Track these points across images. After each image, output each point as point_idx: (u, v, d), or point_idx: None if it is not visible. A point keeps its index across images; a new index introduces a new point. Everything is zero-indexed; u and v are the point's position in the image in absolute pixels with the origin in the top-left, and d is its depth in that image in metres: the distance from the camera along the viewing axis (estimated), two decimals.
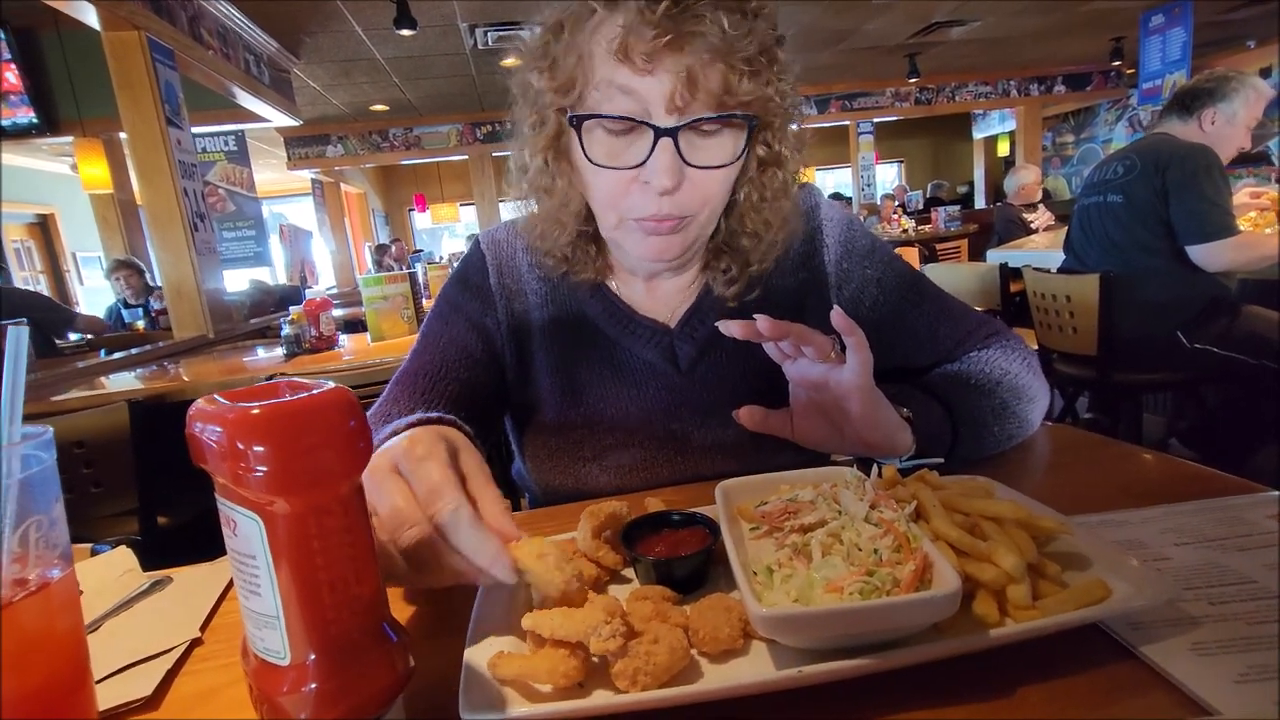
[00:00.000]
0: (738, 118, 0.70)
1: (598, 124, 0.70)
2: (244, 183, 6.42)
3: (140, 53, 3.39)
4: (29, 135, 5.15)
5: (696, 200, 0.72)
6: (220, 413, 0.36)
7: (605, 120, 0.69)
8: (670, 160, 0.68)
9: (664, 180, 0.68)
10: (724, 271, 0.84)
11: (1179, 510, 0.61)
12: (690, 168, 0.70)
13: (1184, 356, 2.32)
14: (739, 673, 0.44)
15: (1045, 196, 5.83)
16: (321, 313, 2.75)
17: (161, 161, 3.47)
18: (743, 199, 0.79)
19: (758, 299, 0.85)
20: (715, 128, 0.70)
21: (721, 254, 0.84)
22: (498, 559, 0.45)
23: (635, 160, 0.70)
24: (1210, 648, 0.43)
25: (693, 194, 0.71)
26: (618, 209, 0.74)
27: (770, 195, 0.79)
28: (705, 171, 0.71)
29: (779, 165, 0.78)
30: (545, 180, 0.78)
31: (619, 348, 0.86)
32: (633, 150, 0.70)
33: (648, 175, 0.69)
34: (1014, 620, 0.44)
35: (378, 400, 0.84)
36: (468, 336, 0.87)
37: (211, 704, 0.50)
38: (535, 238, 0.84)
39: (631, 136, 0.70)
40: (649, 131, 0.68)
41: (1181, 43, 5.67)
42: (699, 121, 0.68)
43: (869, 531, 0.49)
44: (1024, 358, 0.85)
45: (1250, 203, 2.66)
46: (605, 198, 0.74)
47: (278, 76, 5.45)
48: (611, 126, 0.70)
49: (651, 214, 0.71)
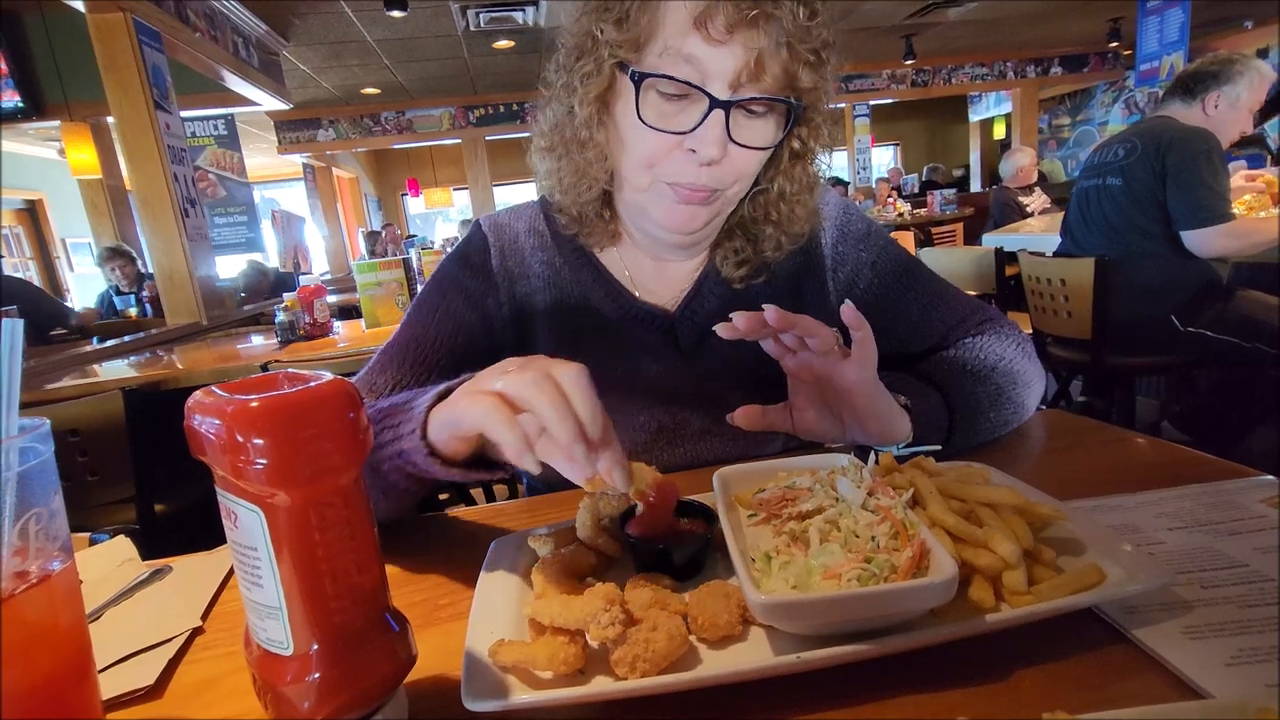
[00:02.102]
0: (789, 104, 0.72)
1: (653, 85, 0.71)
2: (235, 167, 6.35)
3: (126, 35, 3.33)
4: (15, 119, 5.06)
5: (730, 176, 0.75)
6: (219, 405, 0.36)
7: (663, 83, 0.70)
8: (720, 133, 0.70)
9: (711, 150, 0.70)
10: (735, 252, 0.85)
11: (1173, 495, 0.62)
12: (733, 145, 0.72)
13: (1177, 340, 2.33)
14: (738, 659, 0.45)
15: (1041, 179, 5.81)
16: (315, 299, 2.73)
17: (150, 146, 3.42)
18: (774, 190, 0.81)
19: (760, 285, 0.86)
20: (764, 109, 0.72)
21: (734, 235, 0.85)
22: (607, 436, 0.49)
23: (685, 126, 0.71)
24: (1202, 631, 0.43)
25: (729, 169, 0.74)
26: (653, 170, 0.75)
27: (796, 189, 0.81)
28: (745, 151, 0.73)
29: (808, 160, 0.81)
30: (586, 132, 0.78)
31: (620, 331, 0.86)
32: (683, 117, 0.71)
33: (694, 143, 0.71)
34: (1010, 605, 0.45)
35: (362, 369, 0.84)
36: (466, 314, 0.86)
37: (214, 692, 0.50)
38: (559, 190, 0.84)
39: (684, 103, 0.71)
40: (704, 101, 0.69)
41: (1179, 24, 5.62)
42: (753, 100, 0.70)
43: (866, 518, 0.49)
44: (1018, 343, 0.85)
45: (1245, 185, 2.66)
46: (643, 158, 0.75)
47: (267, 59, 5.37)
48: (668, 90, 0.71)
49: (689, 181, 0.73)
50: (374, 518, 0.42)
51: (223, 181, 6.33)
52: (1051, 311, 2.56)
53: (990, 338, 0.85)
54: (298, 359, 2.36)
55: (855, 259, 0.89)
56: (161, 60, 3.60)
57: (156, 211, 3.48)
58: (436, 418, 0.57)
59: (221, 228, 6.38)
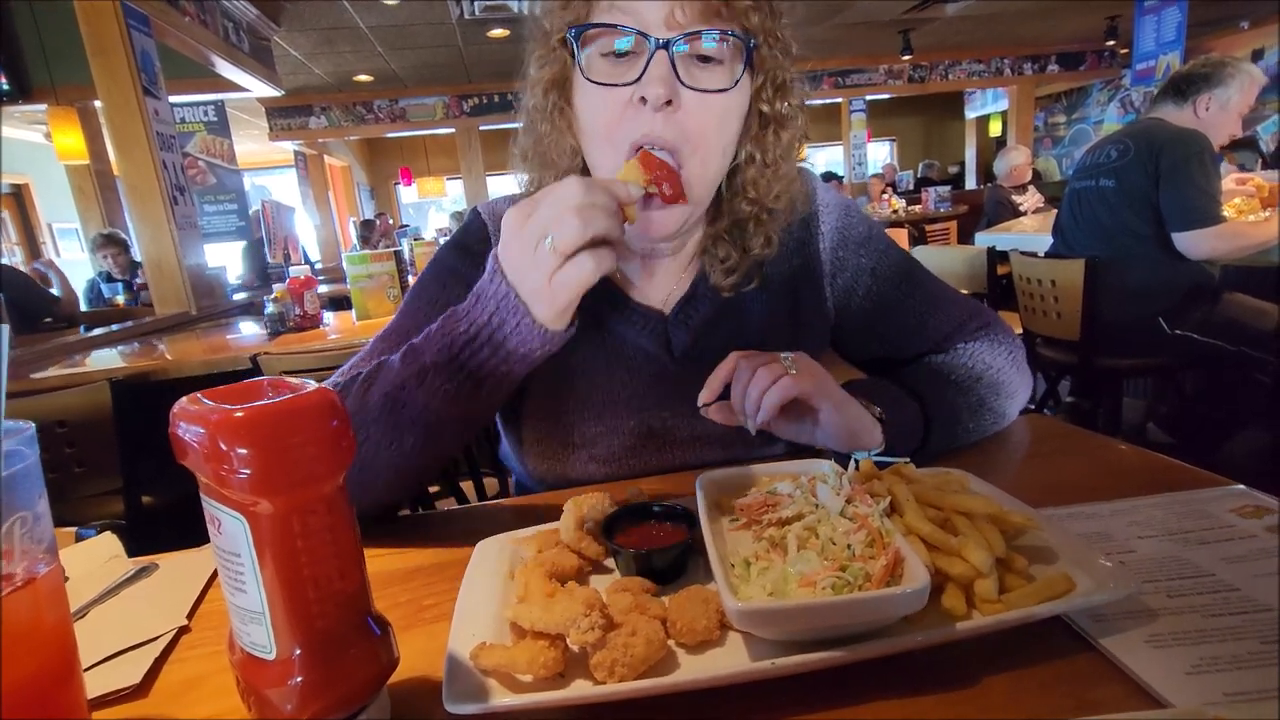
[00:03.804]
0: (734, 36, 0.70)
1: (597, 51, 0.71)
2: (225, 154, 6.28)
3: (114, 18, 3.28)
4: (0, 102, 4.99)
5: (692, 127, 0.71)
6: (203, 414, 0.37)
7: (604, 41, 0.70)
8: (665, 72, 0.68)
9: (657, 88, 0.67)
10: (722, 261, 0.83)
11: (1146, 503, 0.63)
12: (685, 89, 0.69)
13: (1164, 342, 2.35)
14: (715, 664, 0.45)
15: (1035, 177, 5.83)
16: (305, 291, 2.72)
17: (139, 132, 3.38)
18: (743, 158, 0.78)
19: (754, 289, 0.85)
20: (713, 49, 0.70)
21: (720, 241, 0.83)
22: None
23: (632, 78, 0.70)
24: (1166, 640, 0.45)
25: (687, 121, 0.70)
26: (613, 139, 0.72)
27: (772, 159, 0.78)
28: (701, 98, 0.70)
29: (781, 125, 0.78)
30: (542, 120, 0.78)
31: (613, 333, 0.85)
32: (628, 73, 0.70)
33: (643, 89, 0.69)
34: (981, 613, 0.46)
35: (355, 356, 0.82)
36: None
37: (199, 691, 0.51)
38: (533, 187, 0.83)
39: (628, 61, 0.70)
40: (647, 50, 0.68)
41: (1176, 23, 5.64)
42: (695, 36, 0.68)
43: (844, 526, 0.50)
44: (1009, 351, 0.86)
45: (1236, 189, 2.68)
46: (603, 128, 0.73)
47: (258, 44, 5.30)
48: (608, 48, 0.70)
49: (645, 133, 0.70)
50: (357, 524, 0.42)
51: (212, 169, 6.27)
52: (1041, 312, 2.58)
53: (982, 344, 0.85)
54: (287, 350, 2.35)
55: (855, 265, 0.88)
56: (150, 44, 3.55)
57: (145, 199, 3.44)
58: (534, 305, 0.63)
59: (211, 215, 6.32)
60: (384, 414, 0.67)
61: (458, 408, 0.67)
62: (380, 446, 0.67)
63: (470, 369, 0.65)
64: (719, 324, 0.85)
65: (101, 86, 3.34)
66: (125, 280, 4.89)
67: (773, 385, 0.67)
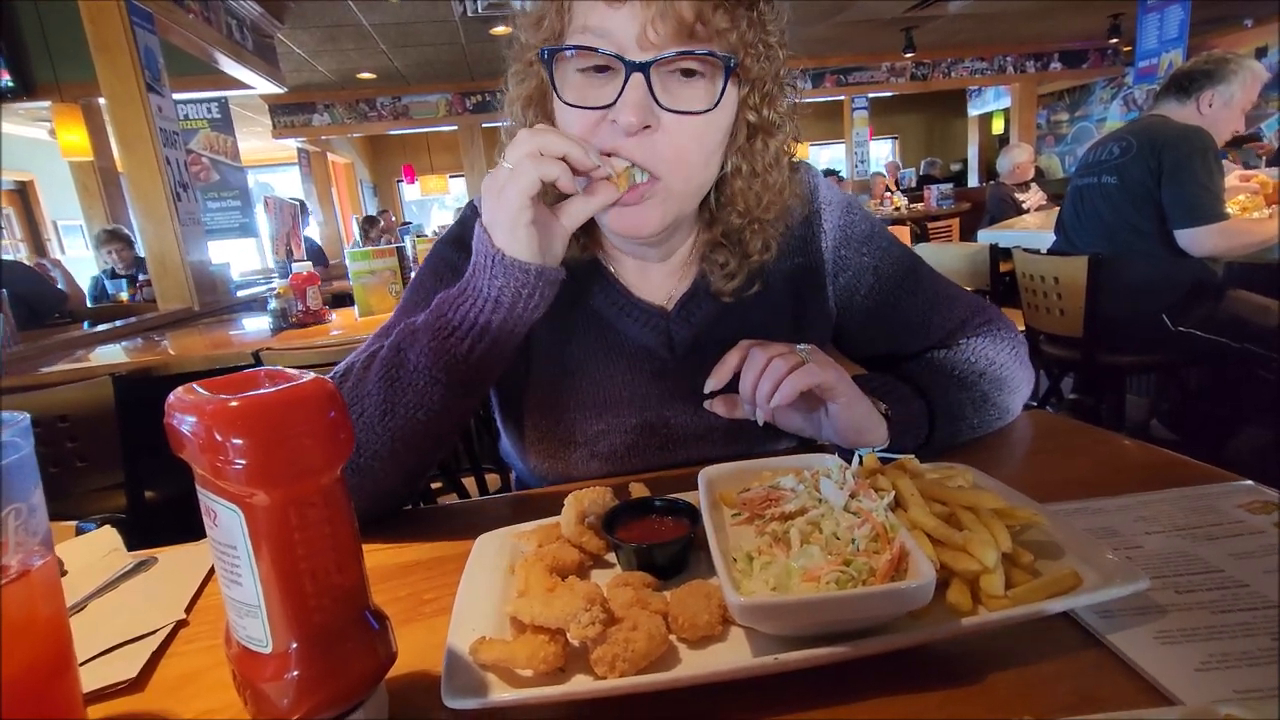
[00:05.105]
0: (715, 56, 0.66)
1: (573, 67, 0.69)
2: (228, 151, 6.28)
3: (118, 15, 3.28)
4: (4, 99, 5.00)
5: (669, 151, 0.68)
6: (198, 404, 0.36)
7: (578, 59, 0.68)
8: (640, 96, 0.65)
9: (629, 115, 0.64)
10: (722, 266, 0.81)
11: (1153, 499, 0.62)
12: (664, 111, 0.66)
13: (1168, 339, 2.34)
14: (717, 659, 0.45)
15: (1038, 175, 5.81)
16: (309, 287, 2.72)
17: (142, 129, 3.39)
18: (730, 170, 0.76)
19: (755, 293, 0.83)
20: (692, 67, 0.67)
21: (719, 248, 0.82)
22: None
23: (607, 100, 0.67)
24: (1174, 636, 0.44)
25: (665, 144, 0.68)
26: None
27: (761, 167, 0.75)
28: (679, 120, 0.67)
29: (769, 134, 0.75)
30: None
31: (614, 330, 0.85)
32: (605, 91, 0.67)
33: (617, 114, 0.66)
34: (987, 609, 0.45)
35: (356, 350, 0.81)
36: None
37: (196, 685, 0.50)
38: None
39: (606, 78, 0.68)
40: (623, 71, 0.65)
41: (1179, 21, 5.61)
42: (673, 58, 0.65)
43: (848, 521, 0.50)
44: (1013, 347, 0.85)
45: (1240, 185, 2.67)
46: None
47: (261, 42, 5.30)
48: (584, 64, 0.68)
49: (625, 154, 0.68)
50: (355, 517, 0.42)
51: (216, 165, 6.28)
52: (1044, 309, 2.57)
53: (985, 340, 0.85)
54: (289, 346, 2.35)
55: (858, 264, 0.87)
56: (154, 41, 3.55)
57: (148, 195, 3.45)
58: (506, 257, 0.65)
59: (214, 212, 6.33)
60: (380, 384, 0.68)
61: (450, 370, 0.67)
62: (374, 420, 0.67)
63: (456, 322, 0.66)
64: (721, 321, 0.84)
65: (105, 83, 3.34)
66: (129, 276, 4.88)
67: (792, 372, 0.66)
